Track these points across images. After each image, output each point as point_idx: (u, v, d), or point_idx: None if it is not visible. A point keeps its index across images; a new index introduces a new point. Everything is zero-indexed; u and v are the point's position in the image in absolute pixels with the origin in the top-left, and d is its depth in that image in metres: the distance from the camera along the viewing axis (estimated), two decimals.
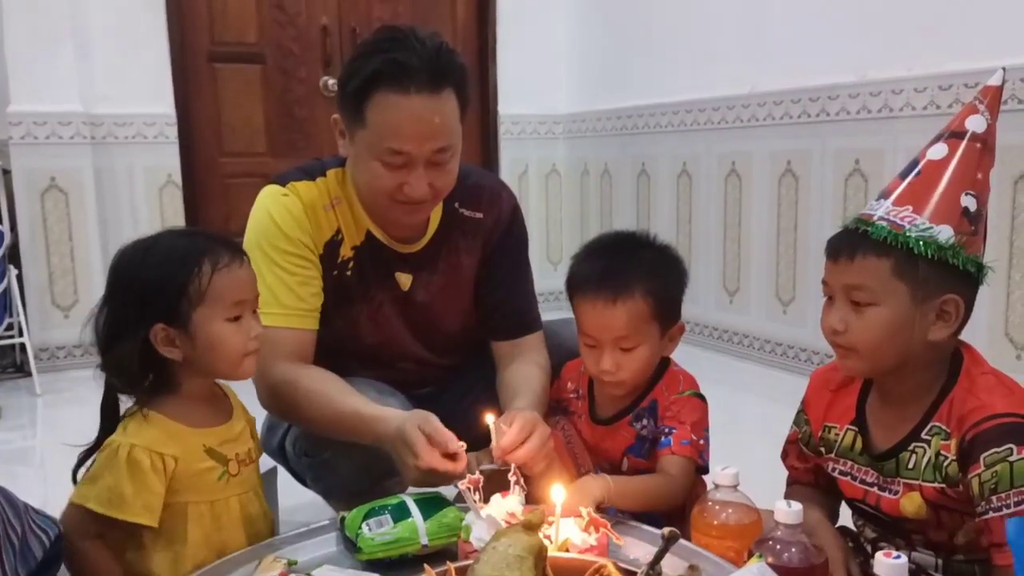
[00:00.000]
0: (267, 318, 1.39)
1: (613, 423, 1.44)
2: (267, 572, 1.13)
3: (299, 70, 3.97)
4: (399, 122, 1.34)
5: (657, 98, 3.75)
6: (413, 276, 1.56)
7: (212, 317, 1.17)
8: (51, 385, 3.27)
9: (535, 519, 0.93)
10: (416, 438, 1.22)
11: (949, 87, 2.50)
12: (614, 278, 1.35)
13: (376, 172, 1.38)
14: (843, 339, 1.14)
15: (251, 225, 1.48)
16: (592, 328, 1.37)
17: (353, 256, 1.52)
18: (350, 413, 1.36)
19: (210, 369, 1.22)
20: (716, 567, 1.07)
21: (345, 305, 1.52)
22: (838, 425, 1.25)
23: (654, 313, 1.36)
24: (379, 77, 1.33)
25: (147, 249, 1.20)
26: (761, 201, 3.26)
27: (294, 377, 1.41)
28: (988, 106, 1.14)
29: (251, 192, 1.54)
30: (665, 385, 1.43)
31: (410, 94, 1.32)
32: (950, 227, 1.09)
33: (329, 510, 1.70)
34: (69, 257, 3.50)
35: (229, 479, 1.23)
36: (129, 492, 1.12)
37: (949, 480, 1.10)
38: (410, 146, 1.34)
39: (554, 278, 4.53)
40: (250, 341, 1.21)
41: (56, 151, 3.43)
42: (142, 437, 1.15)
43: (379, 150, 1.36)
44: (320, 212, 1.48)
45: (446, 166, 1.40)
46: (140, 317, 1.16)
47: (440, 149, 1.37)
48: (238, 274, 1.20)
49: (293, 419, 1.49)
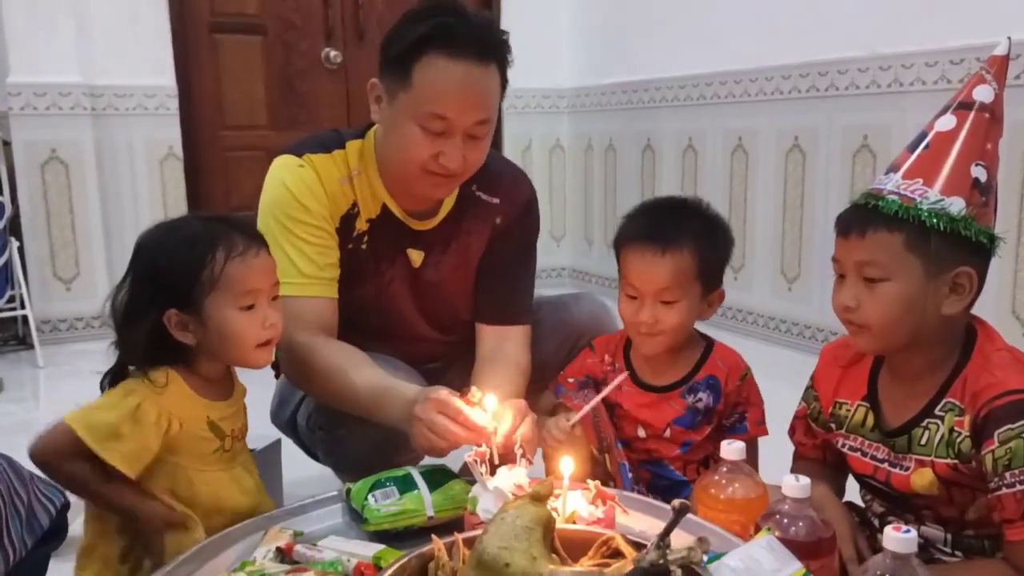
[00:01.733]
0: (288, 287, 1.38)
1: (663, 392, 1.45)
2: (273, 542, 1.13)
3: (300, 42, 3.93)
4: (446, 86, 1.33)
5: (663, 72, 3.71)
6: (424, 254, 1.55)
7: (224, 305, 1.17)
8: (53, 357, 3.27)
9: (543, 490, 0.92)
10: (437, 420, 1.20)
11: (960, 61, 2.47)
12: (664, 233, 1.38)
13: (413, 137, 1.36)
14: (855, 316, 1.13)
15: (266, 196, 1.47)
16: (637, 278, 1.39)
17: (368, 230, 1.51)
18: (376, 387, 1.35)
19: (222, 356, 1.23)
20: (722, 540, 1.07)
21: (356, 279, 1.51)
22: (849, 401, 1.24)
23: (698, 272, 1.39)
24: (430, 39, 1.32)
25: (168, 232, 1.21)
26: (767, 177, 3.24)
27: (315, 347, 1.40)
28: (995, 76, 1.12)
29: (252, 165, 1.54)
30: (723, 363, 1.44)
31: (459, 60, 1.32)
32: (961, 199, 1.08)
33: (334, 483, 1.70)
34: (70, 229, 3.49)
35: (223, 454, 1.24)
36: (125, 435, 1.13)
37: (962, 456, 1.09)
38: (453, 112, 1.34)
39: (557, 254, 4.54)
40: (263, 331, 1.21)
41: (56, 122, 3.41)
42: (157, 392, 1.16)
43: (421, 113, 1.34)
44: (336, 186, 1.47)
45: (481, 141, 1.40)
46: (153, 300, 1.17)
47: (480, 121, 1.37)
48: (252, 263, 1.19)
49: (316, 394, 1.48)
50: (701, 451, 1.44)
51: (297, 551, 1.11)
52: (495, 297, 1.60)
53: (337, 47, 3.96)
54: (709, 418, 1.43)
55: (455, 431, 1.19)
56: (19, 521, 1.03)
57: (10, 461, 1.08)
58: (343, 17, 3.96)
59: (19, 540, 1.02)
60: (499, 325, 1.58)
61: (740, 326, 3.43)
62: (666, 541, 0.83)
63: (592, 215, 4.36)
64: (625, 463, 1.42)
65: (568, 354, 1.60)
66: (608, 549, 0.93)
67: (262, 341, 1.21)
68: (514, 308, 1.60)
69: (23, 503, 1.05)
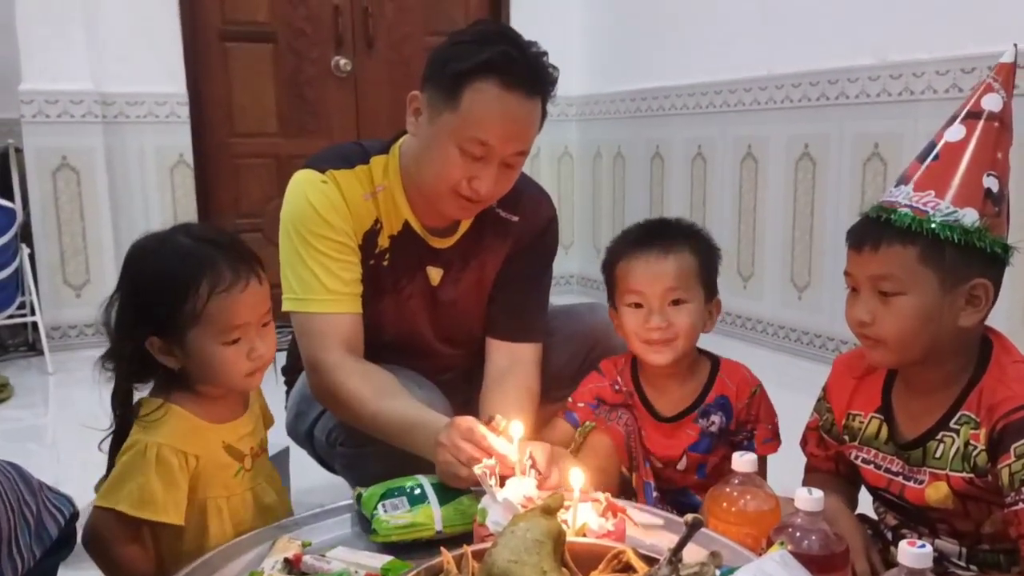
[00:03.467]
0: (314, 304, 1.39)
1: (677, 421, 1.44)
2: (281, 553, 1.12)
3: (311, 51, 3.94)
4: (495, 115, 1.33)
5: (672, 80, 3.71)
6: (443, 271, 1.54)
7: (207, 340, 1.13)
8: (63, 364, 3.28)
9: (554, 503, 0.92)
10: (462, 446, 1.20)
11: (972, 70, 2.46)
12: (662, 237, 1.40)
13: (451, 158, 1.36)
14: (871, 331, 1.12)
15: (288, 211, 1.46)
16: (642, 282, 1.38)
17: (389, 247, 1.50)
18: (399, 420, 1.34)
19: (208, 383, 1.18)
20: (734, 554, 1.06)
21: (377, 295, 1.50)
22: (863, 413, 1.23)
23: (700, 272, 1.39)
24: (489, 66, 1.32)
25: (155, 250, 1.16)
26: (777, 185, 3.23)
27: (342, 369, 1.39)
28: (1003, 84, 1.11)
29: (262, 172, 1.53)
30: (731, 380, 1.43)
31: (512, 91, 1.33)
32: (974, 210, 1.07)
33: (342, 492, 1.70)
34: (81, 236, 3.50)
35: (244, 474, 1.22)
36: (159, 492, 1.11)
37: (978, 470, 1.08)
38: (496, 140, 1.34)
39: (566, 262, 4.53)
40: (248, 362, 1.16)
41: (68, 130, 3.43)
42: (166, 435, 1.13)
43: (464, 137, 1.34)
44: (359, 202, 1.46)
45: (515, 170, 1.42)
46: (137, 321, 1.14)
47: (519, 152, 1.39)
48: (239, 298, 1.12)
49: (341, 415, 1.46)
50: (718, 474, 1.42)
51: (305, 562, 1.10)
52: (508, 312, 1.59)
53: (347, 55, 3.97)
54: (724, 439, 1.43)
55: (479, 458, 1.18)
56: (28, 531, 1.03)
57: (19, 470, 1.08)
58: (353, 26, 3.97)
59: (28, 550, 1.02)
60: (510, 341, 1.57)
61: (749, 335, 3.42)
62: (678, 556, 0.82)
63: (600, 223, 4.35)
64: (650, 482, 1.41)
65: (581, 364, 1.59)
66: (619, 563, 0.93)
67: (247, 372, 1.17)
68: (526, 325, 1.59)
69: (32, 513, 1.04)
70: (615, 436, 1.41)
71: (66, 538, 1.11)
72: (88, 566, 1.18)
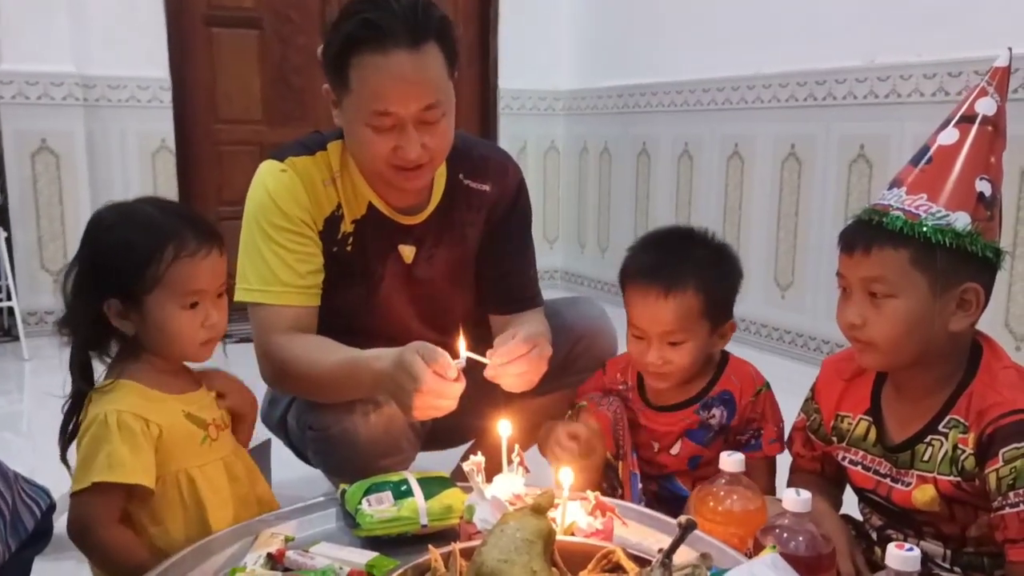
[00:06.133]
0: (266, 295, 1.38)
1: (677, 411, 1.43)
2: (264, 548, 1.11)
3: (297, 37, 3.90)
4: (380, 83, 1.30)
5: (660, 77, 3.71)
6: (416, 248, 1.52)
7: (166, 303, 1.15)
8: (39, 350, 3.23)
9: (544, 502, 0.91)
10: (415, 361, 1.18)
11: (959, 74, 2.47)
12: (668, 272, 1.35)
13: (367, 138, 1.35)
14: (861, 333, 1.12)
15: (249, 201, 1.45)
16: (641, 320, 1.37)
17: (353, 231, 1.49)
18: (346, 359, 1.34)
19: (161, 351, 1.20)
20: (721, 554, 1.05)
21: (345, 281, 1.49)
22: (851, 414, 1.23)
23: (704, 310, 1.36)
24: (355, 39, 1.30)
25: (122, 216, 1.18)
26: (763, 185, 3.24)
27: (287, 343, 1.39)
28: (997, 88, 1.11)
29: (246, 160, 1.52)
30: (736, 377, 1.43)
31: (388, 52, 1.29)
32: (967, 214, 1.07)
33: (323, 485, 1.68)
34: (59, 221, 3.45)
35: (211, 443, 1.22)
36: (127, 456, 1.11)
37: (965, 474, 1.08)
38: (395, 106, 1.31)
39: (550, 256, 4.52)
40: (203, 330, 1.18)
41: (48, 112, 3.38)
42: (125, 402, 1.14)
43: (366, 114, 1.33)
44: (319, 188, 1.45)
45: (438, 125, 1.36)
46: (96, 285, 1.15)
47: (428, 107, 1.33)
48: (201, 264, 1.16)
49: (292, 386, 1.47)
50: (711, 469, 1.42)
51: (288, 557, 1.09)
52: (505, 287, 1.58)
53: None
54: (723, 435, 1.42)
55: (430, 376, 1.16)
56: (3, 523, 1.00)
57: None
58: None
59: (2, 543, 1.00)
60: (512, 313, 1.56)
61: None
62: (671, 558, 0.81)
63: (586, 218, 4.35)
64: (637, 473, 1.41)
65: (565, 359, 1.58)
66: (609, 563, 0.92)
67: (202, 340, 1.19)
68: (525, 293, 1.59)
69: (7, 505, 1.02)
70: (602, 420, 1.42)
71: (43, 530, 1.09)
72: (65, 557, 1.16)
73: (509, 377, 1.26)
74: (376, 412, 1.41)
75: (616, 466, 1.43)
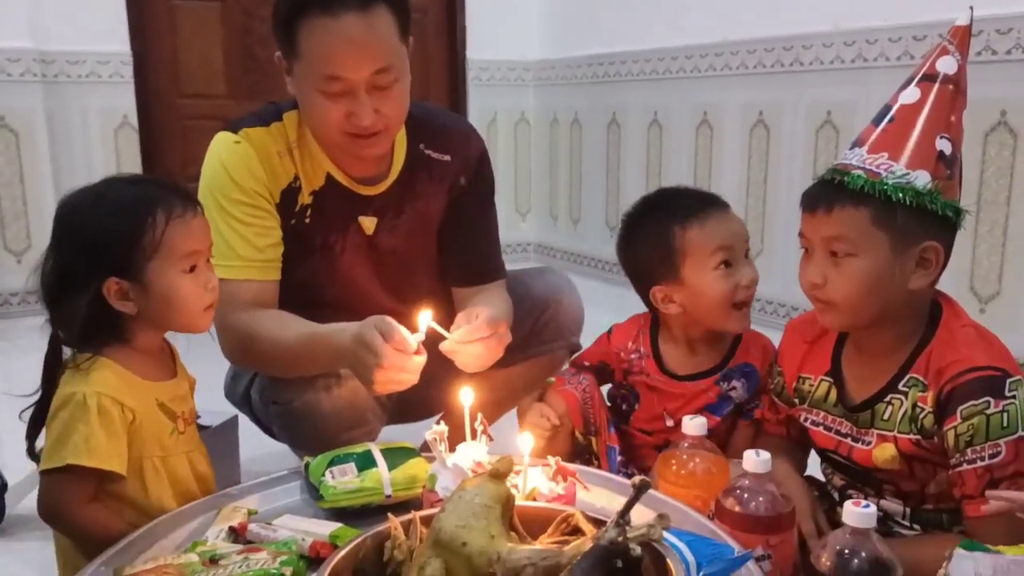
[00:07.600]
0: (225, 270, 1.34)
1: (697, 380, 1.44)
2: (226, 522, 1.10)
3: (261, 8, 3.81)
4: (329, 46, 1.28)
5: (628, 46, 3.68)
6: (377, 219, 1.50)
7: (167, 269, 1.13)
8: (3, 333, 3.18)
9: (502, 467, 0.90)
10: (374, 337, 1.17)
11: (924, 37, 2.47)
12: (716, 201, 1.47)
13: (319, 104, 1.32)
14: (822, 293, 1.12)
15: (204, 175, 1.43)
16: (730, 238, 1.45)
17: (312, 203, 1.46)
18: (306, 335, 1.33)
19: (166, 323, 1.18)
20: (683, 516, 1.06)
21: (305, 254, 1.47)
22: (813, 376, 1.24)
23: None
24: (303, 3, 1.28)
25: (96, 198, 1.14)
26: (732, 152, 3.23)
27: (248, 320, 1.38)
28: (958, 47, 1.11)
29: (210, 135, 1.47)
30: (753, 348, 1.44)
31: (337, 15, 1.26)
32: (927, 172, 1.07)
33: (291, 461, 1.67)
34: (21, 200, 3.38)
35: (179, 436, 1.20)
36: (103, 440, 1.08)
37: (924, 432, 1.10)
38: (345, 70, 1.29)
39: (522, 229, 4.51)
40: (206, 293, 1.18)
41: (5, 89, 3.28)
42: (104, 385, 1.11)
43: (316, 79, 1.30)
44: (275, 159, 1.42)
45: (391, 90, 1.34)
46: (91, 270, 1.11)
47: (380, 71, 1.31)
48: (192, 224, 1.16)
49: (254, 362, 1.45)
50: (716, 439, 1.39)
51: (251, 530, 1.08)
52: (467, 259, 1.57)
53: None
54: (737, 409, 1.42)
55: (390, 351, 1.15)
56: None
57: None
58: None
59: None
60: (475, 285, 1.55)
61: None
62: (626, 518, 0.81)
63: (558, 190, 4.33)
64: (615, 447, 1.41)
65: (531, 330, 1.58)
66: (568, 526, 0.92)
67: (207, 304, 1.18)
68: (488, 265, 1.58)
69: None
70: (569, 399, 1.42)
71: None
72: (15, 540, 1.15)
73: (465, 356, 1.25)
74: (339, 385, 1.40)
75: (587, 444, 1.43)
